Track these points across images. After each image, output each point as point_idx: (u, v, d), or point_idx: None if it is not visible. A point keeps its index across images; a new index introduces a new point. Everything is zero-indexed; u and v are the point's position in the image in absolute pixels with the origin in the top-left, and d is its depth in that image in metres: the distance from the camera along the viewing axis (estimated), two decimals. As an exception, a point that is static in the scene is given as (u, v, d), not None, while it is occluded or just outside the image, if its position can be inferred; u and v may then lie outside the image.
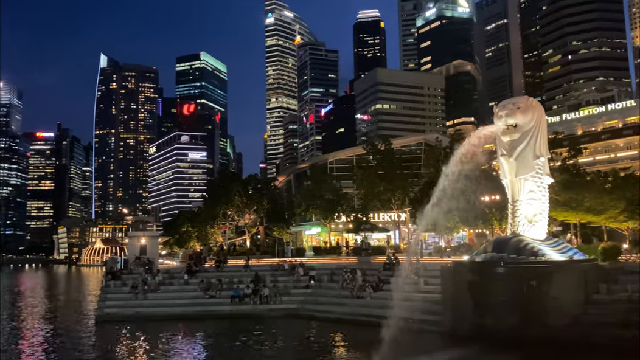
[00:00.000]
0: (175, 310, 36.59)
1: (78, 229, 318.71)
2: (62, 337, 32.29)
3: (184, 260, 58.10)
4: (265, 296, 37.13)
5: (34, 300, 61.01)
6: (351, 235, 65.50)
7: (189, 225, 77.51)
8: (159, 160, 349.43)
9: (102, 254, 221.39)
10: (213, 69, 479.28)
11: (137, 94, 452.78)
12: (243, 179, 75.79)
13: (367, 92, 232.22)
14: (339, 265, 42.57)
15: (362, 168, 63.33)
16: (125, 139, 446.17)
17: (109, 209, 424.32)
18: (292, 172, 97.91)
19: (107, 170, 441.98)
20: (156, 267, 43.83)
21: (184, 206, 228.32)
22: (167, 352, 26.43)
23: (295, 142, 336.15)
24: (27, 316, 44.45)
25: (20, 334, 34.68)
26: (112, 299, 38.24)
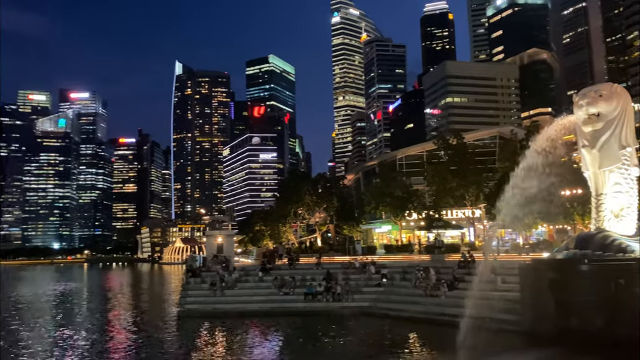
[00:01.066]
0: (251, 307, 37.65)
1: (159, 229, 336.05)
2: (148, 332, 34.25)
3: (258, 258, 59.67)
4: (337, 294, 37.37)
5: (121, 297, 65.15)
6: (423, 232, 64.36)
7: (261, 224, 79.55)
8: (232, 161, 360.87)
9: (182, 252, 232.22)
10: (281, 71, 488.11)
11: (211, 98, 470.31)
12: (312, 178, 76.66)
13: (436, 86, 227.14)
14: (411, 264, 41.99)
15: (433, 164, 62.07)
16: (200, 142, 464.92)
17: (188, 210, 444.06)
18: (361, 170, 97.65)
19: (184, 173, 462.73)
20: (232, 265, 45.31)
21: (257, 206, 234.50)
22: (245, 347, 27.30)
23: (363, 139, 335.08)
24: (116, 311, 47.62)
25: (110, 328, 37.19)
26: (192, 296, 39.99)
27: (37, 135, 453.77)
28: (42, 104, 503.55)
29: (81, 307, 52.44)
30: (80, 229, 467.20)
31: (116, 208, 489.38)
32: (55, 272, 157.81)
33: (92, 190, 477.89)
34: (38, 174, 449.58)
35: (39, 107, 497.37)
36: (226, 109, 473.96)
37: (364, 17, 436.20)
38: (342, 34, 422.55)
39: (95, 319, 41.59)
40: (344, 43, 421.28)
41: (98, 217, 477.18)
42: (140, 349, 28.08)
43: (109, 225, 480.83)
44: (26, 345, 29.43)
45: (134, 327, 36.98)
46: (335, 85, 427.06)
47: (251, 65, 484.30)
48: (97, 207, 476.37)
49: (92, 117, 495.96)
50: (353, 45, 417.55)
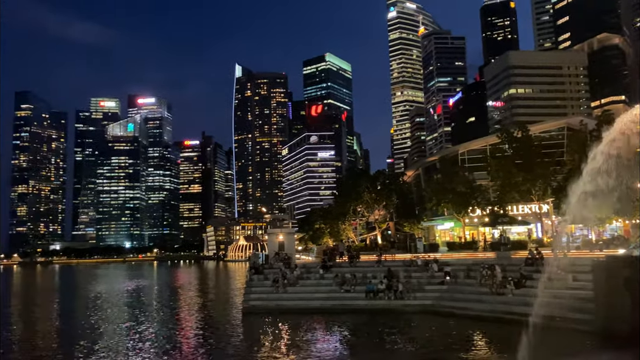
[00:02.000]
0: (313, 304, 38.01)
1: (223, 228, 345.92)
2: (214, 327, 35.46)
3: (318, 256, 60.12)
4: (399, 292, 37.02)
5: (189, 293, 67.68)
6: (487, 229, 62.48)
7: (321, 222, 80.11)
8: (291, 160, 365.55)
9: (245, 250, 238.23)
10: (338, 69, 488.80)
11: (270, 99, 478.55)
12: (371, 175, 76.23)
13: (498, 77, 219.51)
14: (476, 261, 40.90)
15: (497, 158, 59.95)
16: (260, 142, 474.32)
17: (249, 208, 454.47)
18: (421, 165, 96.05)
19: (246, 173, 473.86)
20: (294, 262, 45.93)
21: (316, 204, 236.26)
22: (309, 343, 27.59)
23: (422, 135, 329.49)
24: (185, 307, 49.56)
25: (179, 322, 38.76)
26: (255, 292, 40.91)
27: (108, 140, 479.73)
28: (112, 110, 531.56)
29: (152, 303, 54.96)
30: (150, 228, 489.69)
31: (183, 208, 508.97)
32: (127, 270, 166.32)
33: (160, 191, 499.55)
34: (110, 177, 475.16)
35: (110, 113, 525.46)
36: (284, 109, 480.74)
37: (421, 11, 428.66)
38: (399, 29, 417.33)
39: (165, 315, 43.48)
40: (401, 37, 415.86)
41: (166, 216, 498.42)
42: (207, 343, 29.11)
43: (177, 224, 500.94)
44: (104, 339, 31.25)
45: (201, 322, 38.38)
46: (393, 81, 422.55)
47: (308, 65, 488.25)
48: (165, 207, 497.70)
49: (159, 121, 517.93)
50: (410, 40, 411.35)
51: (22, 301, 66.07)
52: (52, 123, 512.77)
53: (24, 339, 33.82)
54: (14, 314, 51.23)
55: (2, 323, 42.77)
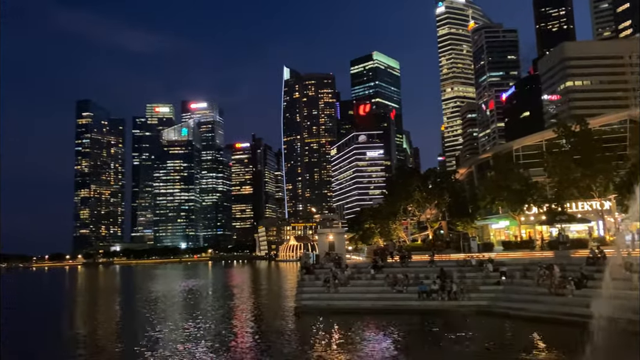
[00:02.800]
0: (364, 304, 37.92)
1: (274, 228, 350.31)
2: (267, 325, 36.02)
3: (369, 256, 59.87)
4: (453, 292, 36.33)
5: (243, 292, 69.08)
6: (545, 227, 60.20)
7: (371, 221, 79.62)
8: (340, 160, 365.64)
9: (296, 250, 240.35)
10: (386, 67, 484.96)
11: (317, 100, 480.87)
12: (421, 174, 75.08)
13: (554, 69, 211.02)
14: (533, 261, 39.56)
15: (554, 153, 57.58)
16: (309, 143, 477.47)
17: (299, 209, 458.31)
18: (474, 163, 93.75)
19: (295, 173, 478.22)
20: (344, 262, 45.95)
21: (365, 203, 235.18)
22: (362, 343, 27.55)
23: (474, 131, 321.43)
24: (239, 306, 50.60)
25: (234, 321, 39.63)
26: (307, 292, 41.24)
27: (163, 145, 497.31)
28: (167, 116, 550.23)
29: (207, 303, 56.45)
30: (204, 229, 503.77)
31: (235, 209, 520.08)
32: (184, 270, 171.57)
33: (213, 193, 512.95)
34: (166, 180, 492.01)
35: (164, 119, 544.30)
36: (332, 109, 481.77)
37: (470, 5, 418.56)
38: (447, 24, 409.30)
39: (219, 314, 44.56)
40: (451, 33, 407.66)
41: (219, 217, 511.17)
42: (261, 342, 29.60)
43: (229, 225, 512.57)
44: (162, 336, 32.42)
45: (255, 321, 39.10)
46: (442, 77, 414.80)
47: (355, 64, 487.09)
48: (218, 209, 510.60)
49: (211, 125, 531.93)
50: (460, 35, 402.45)
51: (86, 300, 69.55)
52: (110, 129, 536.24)
53: (89, 335, 35.59)
54: (79, 312, 54.01)
55: (70, 320, 45.22)
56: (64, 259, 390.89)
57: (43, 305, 64.10)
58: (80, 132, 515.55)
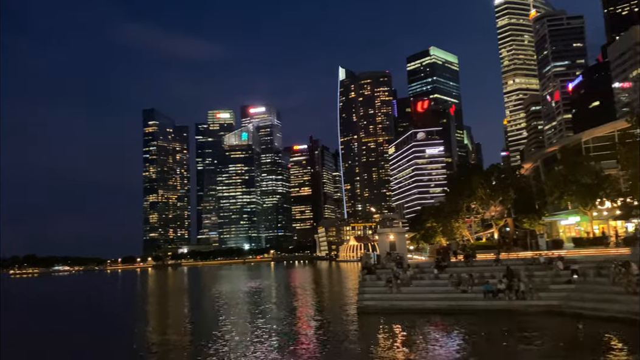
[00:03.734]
0: (428, 304, 37.33)
1: (334, 229, 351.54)
2: (330, 325, 36.20)
3: (431, 255, 58.88)
4: (520, 291, 35.04)
5: (305, 292, 69.85)
6: (620, 222, 56.83)
7: (432, 220, 78.20)
8: (398, 159, 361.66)
9: (356, 250, 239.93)
10: (444, 62, 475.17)
11: (373, 99, 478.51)
12: (484, 170, 72.90)
13: (625, 55, 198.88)
14: (607, 258, 37.43)
15: (628, 144, 54.21)
16: (366, 142, 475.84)
17: (358, 209, 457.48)
18: (540, 157, 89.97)
19: (353, 173, 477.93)
20: (406, 262, 45.44)
21: (426, 202, 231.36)
22: (428, 344, 27.14)
23: (539, 124, 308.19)
24: (302, 306, 51.22)
25: (297, 321, 40.16)
26: (369, 292, 41.10)
27: (225, 149, 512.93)
28: (227, 121, 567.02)
29: (271, 302, 57.51)
30: (266, 230, 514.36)
31: (295, 210, 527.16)
32: (247, 271, 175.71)
33: (273, 195, 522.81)
34: (228, 183, 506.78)
35: (225, 124, 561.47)
36: (389, 108, 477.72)
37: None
38: (507, 14, 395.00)
39: (283, 313, 45.29)
40: (510, 23, 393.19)
41: (280, 219, 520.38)
42: (324, 342, 29.84)
43: (290, 226, 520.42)
44: (228, 334, 33.39)
45: (318, 320, 39.42)
46: (503, 69, 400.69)
47: (412, 61, 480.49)
48: (278, 210, 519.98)
49: (269, 128, 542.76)
50: (521, 25, 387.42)
51: (157, 300, 72.77)
52: (175, 137, 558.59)
53: (160, 332, 37.24)
54: (151, 311, 56.60)
55: (143, 319, 47.49)
56: (135, 262, 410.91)
57: (119, 305, 67.70)
58: (147, 139, 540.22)
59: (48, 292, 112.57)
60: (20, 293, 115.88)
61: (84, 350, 31.95)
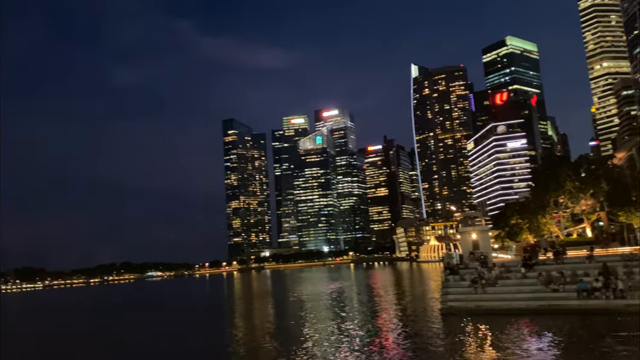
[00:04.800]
0: (516, 304, 35.88)
1: (413, 229, 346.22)
2: (414, 327, 35.78)
3: (518, 254, 56.46)
4: (619, 289, 32.75)
5: (387, 293, 69.46)
6: None
7: (517, 217, 75.01)
8: (478, 155, 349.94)
9: (438, 250, 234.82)
10: (522, 51, 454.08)
11: (449, 94, 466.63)
12: (572, 162, 68.94)
13: None
14: None
15: None
16: (443, 139, 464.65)
17: (438, 208, 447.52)
18: (634, 145, 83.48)
19: (431, 172, 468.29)
20: (491, 261, 43.97)
21: (509, 198, 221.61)
22: (514, 346, 26.11)
23: (632, 109, 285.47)
24: (384, 308, 51.01)
25: (380, 322, 40.07)
26: (452, 293, 40.19)
27: (300, 154, 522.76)
28: (302, 126, 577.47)
29: (353, 304, 57.78)
30: (344, 232, 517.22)
31: (372, 211, 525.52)
32: (328, 273, 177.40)
33: (349, 197, 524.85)
34: (305, 187, 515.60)
35: (300, 129, 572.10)
36: (466, 102, 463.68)
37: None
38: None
39: (365, 315, 45.36)
40: (595, 4, 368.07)
41: (357, 221, 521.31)
42: (408, 343, 29.56)
43: (368, 227, 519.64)
44: (312, 335, 34.00)
45: (401, 322, 39.09)
46: (588, 54, 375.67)
47: (487, 52, 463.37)
48: (355, 212, 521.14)
49: (343, 131, 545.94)
50: (606, 5, 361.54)
51: (244, 302, 75.49)
52: (254, 144, 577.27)
53: (246, 333, 38.65)
54: (238, 312, 58.84)
55: (230, 320, 49.50)
56: (221, 266, 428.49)
57: (209, 307, 71.06)
58: (227, 148, 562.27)
59: (144, 297, 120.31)
60: (126, 296, 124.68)
61: (176, 350, 33.87)
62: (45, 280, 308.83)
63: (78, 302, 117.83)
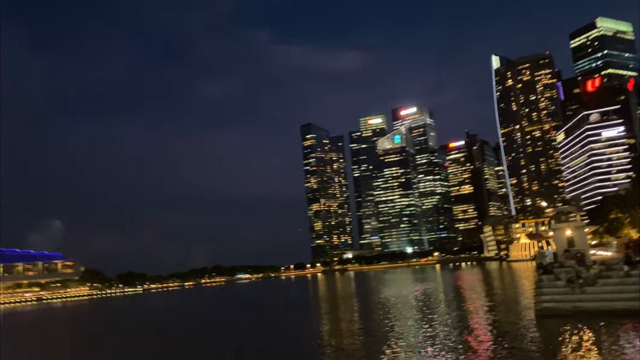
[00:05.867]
0: (618, 305, 33.53)
1: (501, 227, 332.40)
2: (506, 329, 34.45)
3: (619, 250, 52.66)
4: None
5: (476, 295, 67.40)
6: None
7: (617, 211, 70.06)
8: (570, 146, 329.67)
9: (529, 248, 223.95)
10: (614, 33, 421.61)
11: (534, 84, 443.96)
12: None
13: None
14: None
15: None
16: (530, 131, 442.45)
17: (527, 204, 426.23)
18: None
19: (518, 166, 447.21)
20: (588, 259, 41.39)
21: (607, 191, 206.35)
22: (618, 351, 24.42)
23: None
24: (473, 309, 49.57)
25: (471, 325, 38.98)
26: (547, 294, 38.24)
27: (379, 154, 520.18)
28: (379, 126, 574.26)
29: (440, 306, 56.60)
30: (428, 232, 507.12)
31: (456, 210, 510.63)
32: (412, 274, 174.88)
33: (432, 196, 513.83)
34: (385, 188, 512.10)
35: (377, 129, 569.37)
36: (553, 91, 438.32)
37: None
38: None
39: (454, 317, 44.31)
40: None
41: (441, 220, 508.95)
42: (502, 347, 28.54)
43: (453, 227, 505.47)
44: (399, 338, 33.79)
45: (492, 324, 37.85)
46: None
47: (575, 37, 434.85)
48: (439, 211, 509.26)
49: (422, 128, 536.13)
50: None
51: (329, 304, 76.43)
52: (332, 147, 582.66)
53: (332, 334, 39.13)
54: (325, 313, 59.71)
55: (316, 320, 50.38)
56: (305, 268, 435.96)
57: (296, 307, 72.75)
58: (306, 152, 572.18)
59: (237, 298, 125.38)
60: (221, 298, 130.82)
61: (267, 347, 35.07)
62: (144, 284, 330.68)
63: (191, 303, 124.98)
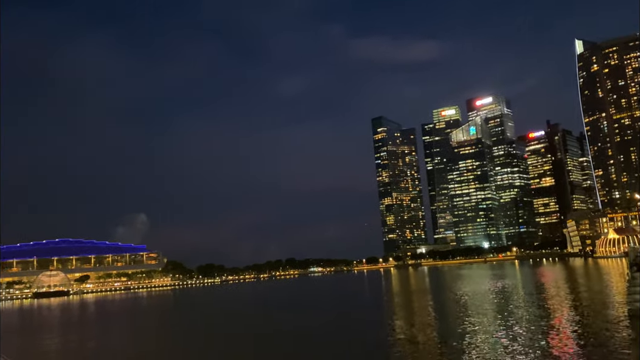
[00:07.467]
0: None
1: (586, 221, 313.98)
2: (594, 330, 32.36)
3: None
4: None
5: (559, 293, 63.93)
6: None
7: None
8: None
9: (618, 244, 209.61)
10: None
11: (623, 68, 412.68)
12: None
13: None
14: None
15: None
16: (618, 119, 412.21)
17: (615, 197, 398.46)
18: None
19: (605, 157, 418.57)
20: (690, 257, 37.85)
21: None
22: None
23: None
24: (557, 308, 47.00)
25: (553, 325, 36.97)
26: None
27: (453, 147, 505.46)
28: (453, 118, 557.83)
29: (520, 304, 54.10)
30: (505, 227, 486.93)
31: (537, 203, 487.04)
32: (489, 270, 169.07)
33: (510, 189, 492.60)
34: (460, 181, 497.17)
35: (451, 121, 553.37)
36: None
37: None
38: None
39: (535, 316, 42.20)
40: None
41: (520, 214, 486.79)
42: (594, 350, 26.82)
43: (533, 221, 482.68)
44: (476, 337, 32.69)
45: (578, 324, 35.70)
46: None
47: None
48: (517, 205, 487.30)
49: (499, 119, 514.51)
50: None
51: (402, 299, 75.60)
52: (403, 140, 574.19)
53: (404, 330, 38.57)
54: (397, 309, 59.09)
55: (389, 316, 49.94)
56: (378, 262, 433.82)
57: (371, 301, 72.64)
58: (377, 146, 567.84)
59: (316, 291, 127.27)
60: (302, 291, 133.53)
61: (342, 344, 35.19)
62: (222, 275, 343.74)
63: (277, 296, 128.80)
